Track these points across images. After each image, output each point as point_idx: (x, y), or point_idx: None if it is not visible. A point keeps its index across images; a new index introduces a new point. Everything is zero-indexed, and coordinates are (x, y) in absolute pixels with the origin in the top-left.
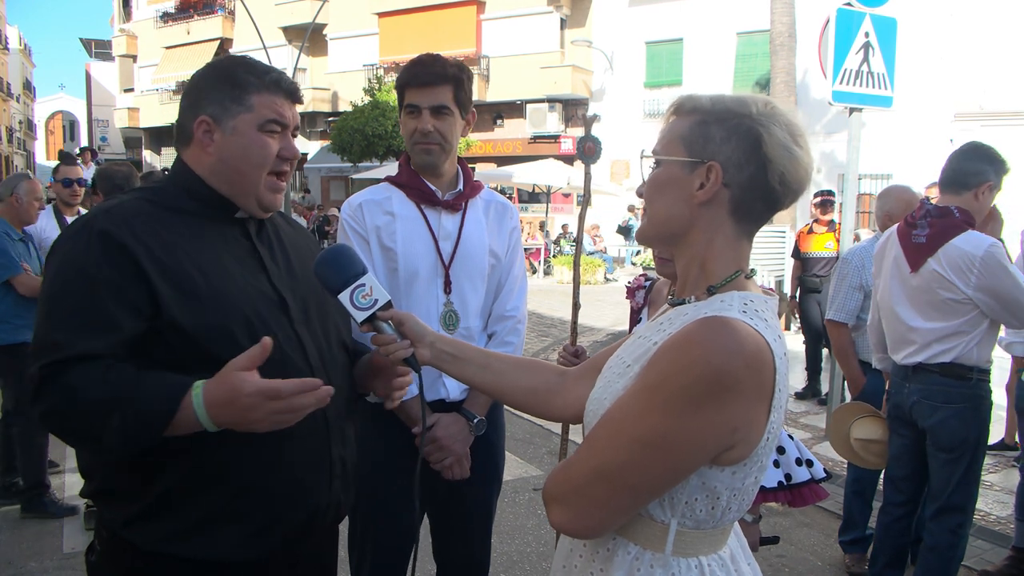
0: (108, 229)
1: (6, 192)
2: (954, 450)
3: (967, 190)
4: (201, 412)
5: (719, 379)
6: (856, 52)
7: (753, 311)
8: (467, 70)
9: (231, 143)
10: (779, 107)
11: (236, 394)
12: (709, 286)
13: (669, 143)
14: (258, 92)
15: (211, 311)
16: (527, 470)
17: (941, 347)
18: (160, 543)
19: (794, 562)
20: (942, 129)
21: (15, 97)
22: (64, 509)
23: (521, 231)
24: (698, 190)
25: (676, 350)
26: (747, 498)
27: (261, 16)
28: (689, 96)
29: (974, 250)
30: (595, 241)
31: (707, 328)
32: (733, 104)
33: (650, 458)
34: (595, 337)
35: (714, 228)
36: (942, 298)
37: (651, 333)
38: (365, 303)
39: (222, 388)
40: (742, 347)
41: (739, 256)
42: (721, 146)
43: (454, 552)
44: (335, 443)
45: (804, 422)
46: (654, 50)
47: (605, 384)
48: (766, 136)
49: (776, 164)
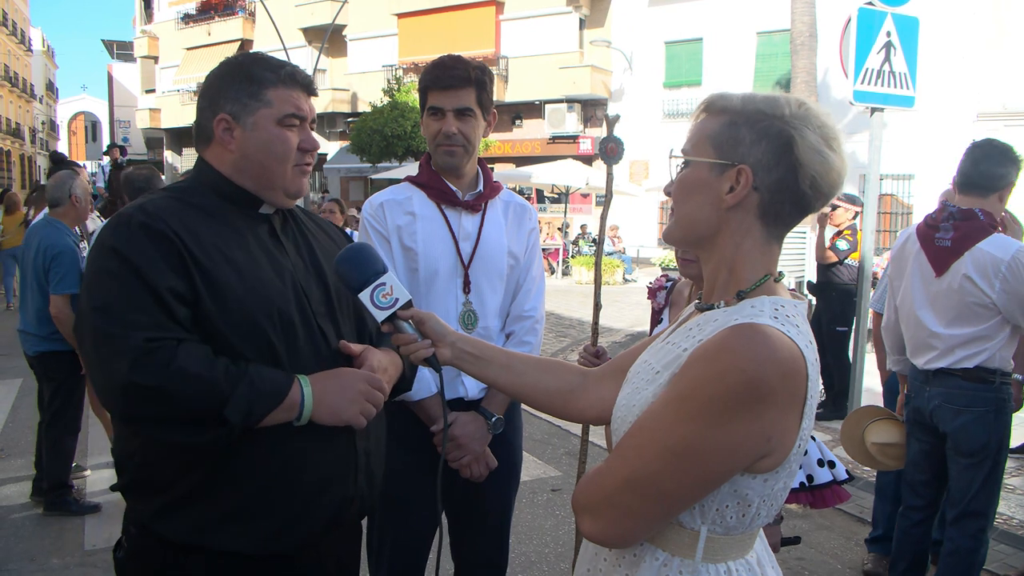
0: (146, 222)
1: (63, 195)
2: (976, 454)
3: (992, 192)
4: (307, 392)
5: (753, 388)
6: (878, 51)
7: (784, 317)
8: (489, 72)
9: (252, 139)
10: (813, 108)
11: (340, 373)
12: (738, 291)
13: (698, 143)
14: (275, 87)
15: (242, 304)
16: (545, 471)
17: (965, 352)
18: (189, 534)
19: (814, 565)
20: (964, 129)
21: (38, 98)
22: (86, 507)
23: (539, 232)
24: (727, 194)
25: (708, 359)
26: (777, 503)
27: (281, 17)
28: (720, 95)
29: (1002, 254)
30: (614, 242)
31: (739, 336)
32: (764, 105)
33: (683, 468)
34: (614, 338)
35: (743, 232)
36: (968, 302)
37: (680, 339)
38: (386, 302)
39: (327, 373)
40: (776, 355)
41: (768, 260)
42: (751, 148)
43: (472, 551)
44: (360, 437)
45: (825, 424)
46: (673, 50)
47: (633, 390)
48: (798, 139)
49: (808, 168)
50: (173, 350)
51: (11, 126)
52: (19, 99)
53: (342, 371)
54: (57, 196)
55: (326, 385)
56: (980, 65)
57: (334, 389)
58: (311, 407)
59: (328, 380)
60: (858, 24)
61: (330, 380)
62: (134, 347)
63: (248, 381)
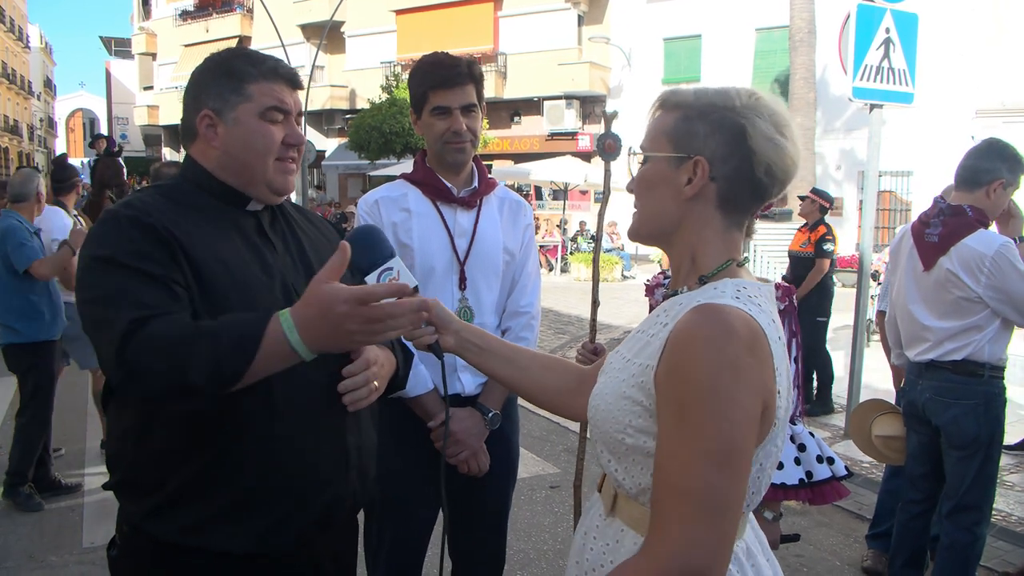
0: (135, 216)
1: (30, 192)
2: (967, 447)
3: (979, 188)
4: (292, 335)
5: (733, 363)
6: (877, 48)
7: (747, 297)
8: (479, 66)
9: (234, 134)
10: (763, 98)
11: (330, 302)
12: (700, 276)
13: (655, 139)
14: (256, 81)
15: (229, 302)
16: (544, 468)
17: (953, 345)
18: (179, 535)
19: (813, 562)
20: (963, 126)
21: (36, 95)
22: (33, 505)
23: (537, 228)
24: (685, 185)
25: (684, 356)
26: (757, 487)
27: (279, 14)
28: (673, 91)
29: (985, 249)
30: (612, 238)
31: (701, 316)
32: (716, 98)
33: (728, 463)
34: (612, 335)
35: (703, 222)
36: (954, 296)
37: (648, 326)
38: None
39: (312, 301)
40: (735, 329)
41: (730, 246)
42: (706, 140)
43: (469, 547)
44: (351, 432)
45: (822, 420)
46: (672, 46)
47: (608, 379)
48: (750, 128)
49: (761, 156)
50: (150, 323)
51: (9, 123)
52: (17, 96)
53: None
54: (24, 192)
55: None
56: (979, 62)
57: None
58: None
59: (305, 303)
60: (857, 20)
61: (307, 302)
62: (120, 327)
63: (208, 338)
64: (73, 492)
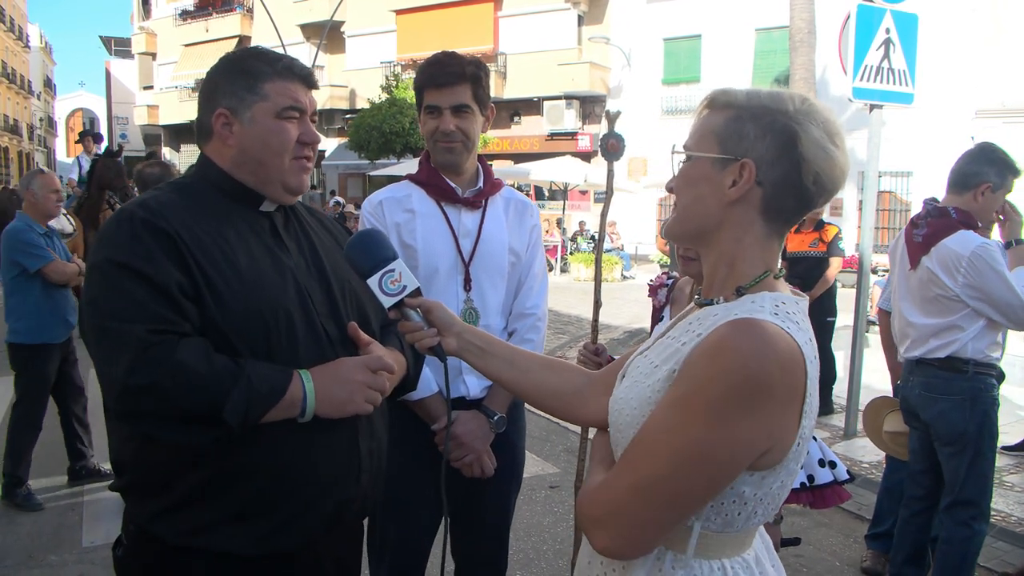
0: (148, 218)
1: (22, 188)
2: (955, 443)
3: (967, 191)
4: (309, 387)
5: (755, 384)
6: (877, 48)
7: (785, 313)
8: (484, 67)
9: (250, 133)
10: (816, 105)
11: (340, 364)
12: (738, 287)
13: (702, 138)
14: (272, 80)
15: (241, 304)
16: (544, 468)
17: (937, 342)
18: (186, 536)
19: (813, 562)
20: (963, 126)
21: (36, 95)
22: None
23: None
24: (730, 188)
25: (709, 357)
26: (775, 503)
27: (279, 14)
28: (724, 90)
29: (962, 250)
30: (612, 238)
31: (738, 331)
32: (769, 100)
33: (691, 470)
34: (612, 335)
35: (744, 227)
36: (934, 294)
37: (679, 334)
38: (394, 289)
39: (327, 366)
40: (774, 350)
41: (768, 256)
42: (755, 143)
43: (472, 550)
44: (363, 436)
45: (822, 421)
46: (672, 47)
47: (631, 383)
48: (802, 135)
49: (811, 164)
50: (173, 345)
51: (9, 123)
52: (17, 96)
53: (341, 361)
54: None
55: (326, 377)
56: (979, 62)
57: (335, 381)
58: (314, 403)
59: (328, 372)
60: (857, 21)
61: (329, 372)
62: (133, 342)
63: (246, 380)
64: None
